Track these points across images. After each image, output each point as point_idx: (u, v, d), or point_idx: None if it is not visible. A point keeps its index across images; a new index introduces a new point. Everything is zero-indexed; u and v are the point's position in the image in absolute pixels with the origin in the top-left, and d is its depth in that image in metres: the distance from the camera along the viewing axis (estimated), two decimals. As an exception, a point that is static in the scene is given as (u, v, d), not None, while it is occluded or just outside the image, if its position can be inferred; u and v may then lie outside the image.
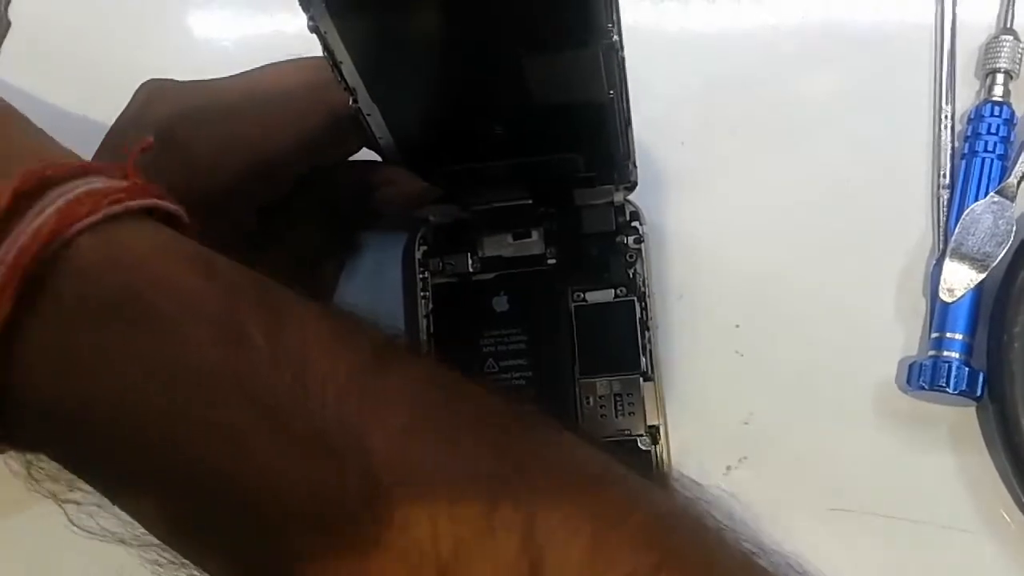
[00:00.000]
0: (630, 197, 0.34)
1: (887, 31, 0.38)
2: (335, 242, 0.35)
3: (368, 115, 0.27)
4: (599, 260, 0.34)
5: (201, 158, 0.28)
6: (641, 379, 0.33)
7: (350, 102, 0.26)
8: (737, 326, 0.35)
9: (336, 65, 0.25)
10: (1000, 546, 0.23)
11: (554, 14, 0.23)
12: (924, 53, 0.37)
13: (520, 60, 0.24)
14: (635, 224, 0.34)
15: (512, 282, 0.34)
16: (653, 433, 0.32)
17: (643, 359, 0.33)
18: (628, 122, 0.28)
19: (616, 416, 0.33)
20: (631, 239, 0.34)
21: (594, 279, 0.34)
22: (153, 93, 0.29)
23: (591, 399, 0.33)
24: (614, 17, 0.23)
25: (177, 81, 0.29)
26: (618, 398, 0.33)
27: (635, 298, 0.33)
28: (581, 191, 0.33)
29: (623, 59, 0.25)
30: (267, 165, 0.28)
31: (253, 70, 0.30)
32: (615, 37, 0.23)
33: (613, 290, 0.34)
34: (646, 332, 0.33)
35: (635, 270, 0.34)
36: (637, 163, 0.31)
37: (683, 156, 0.37)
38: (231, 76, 0.30)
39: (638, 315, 0.33)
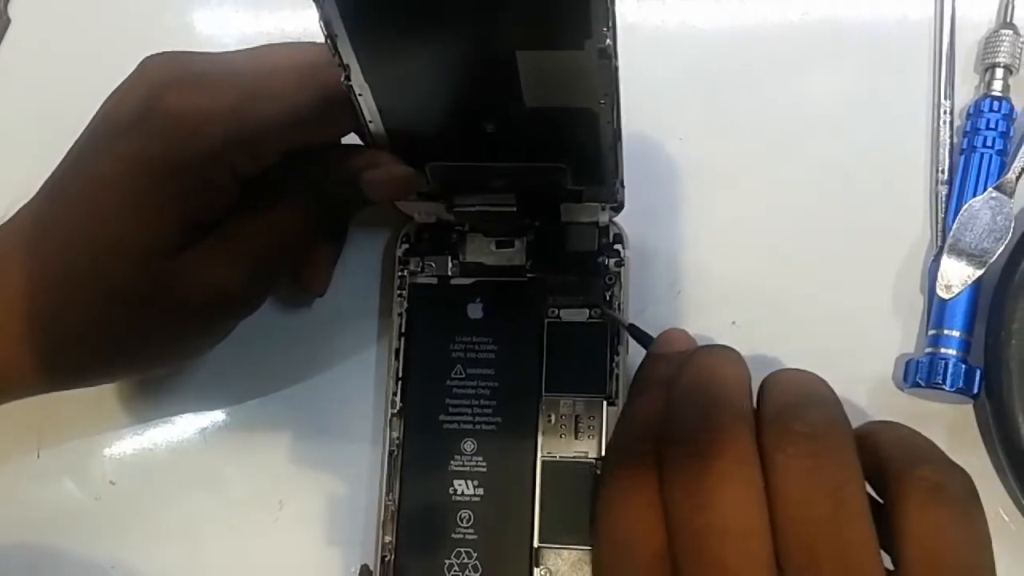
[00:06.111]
0: (616, 219, 0.34)
1: (886, 26, 0.37)
2: (325, 227, 0.35)
3: (360, 95, 0.27)
4: (578, 279, 0.34)
5: (184, 123, 0.28)
6: (605, 403, 0.33)
7: (343, 79, 0.26)
8: (733, 323, 0.34)
9: (331, 37, 0.25)
10: (998, 545, 0.23)
11: (550, 13, 0.23)
12: (923, 48, 0.37)
13: (514, 57, 0.24)
14: (618, 247, 0.34)
15: (489, 290, 0.34)
16: (610, 459, 0.32)
17: (609, 383, 0.33)
18: (618, 137, 0.28)
19: (576, 437, 0.32)
20: (612, 261, 0.34)
21: (571, 297, 0.34)
22: (149, 62, 0.29)
23: (553, 417, 0.33)
24: (610, 23, 0.23)
25: (175, 52, 0.30)
26: (579, 419, 0.32)
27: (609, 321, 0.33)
28: (568, 206, 0.33)
29: (616, 68, 0.25)
30: (250, 135, 0.28)
31: (251, 48, 0.30)
32: (608, 42, 0.23)
33: (588, 310, 0.34)
34: (615, 356, 0.33)
35: (612, 293, 0.33)
36: (625, 183, 0.31)
37: (682, 151, 0.37)
38: (228, 51, 0.30)
39: (609, 338, 0.33)
